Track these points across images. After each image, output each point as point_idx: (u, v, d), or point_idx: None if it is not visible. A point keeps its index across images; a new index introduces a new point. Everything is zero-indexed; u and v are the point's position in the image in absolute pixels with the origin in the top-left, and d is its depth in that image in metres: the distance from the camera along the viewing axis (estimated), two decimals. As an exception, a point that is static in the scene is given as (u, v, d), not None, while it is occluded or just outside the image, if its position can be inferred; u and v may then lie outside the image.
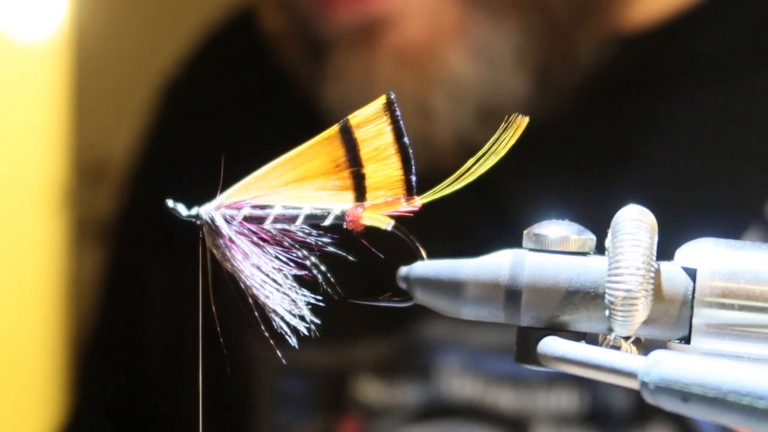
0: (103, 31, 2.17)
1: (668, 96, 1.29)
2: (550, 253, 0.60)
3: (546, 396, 1.19)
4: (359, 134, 0.63)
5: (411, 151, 0.63)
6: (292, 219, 0.63)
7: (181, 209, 0.64)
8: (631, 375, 0.55)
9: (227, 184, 0.64)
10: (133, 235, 1.42)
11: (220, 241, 0.63)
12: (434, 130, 1.21)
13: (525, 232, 0.61)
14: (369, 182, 0.63)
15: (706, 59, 1.28)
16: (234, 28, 1.44)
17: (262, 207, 0.63)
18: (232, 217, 0.63)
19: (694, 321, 0.59)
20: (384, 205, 0.63)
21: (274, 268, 0.63)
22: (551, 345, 0.59)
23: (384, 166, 0.63)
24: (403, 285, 0.61)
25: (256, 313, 0.63)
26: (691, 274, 0.59)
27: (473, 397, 1.20)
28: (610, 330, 0.59)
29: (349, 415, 1.23)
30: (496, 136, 0.62)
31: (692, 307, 0.59)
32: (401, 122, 0.63)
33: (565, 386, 1.18)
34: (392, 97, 0.63)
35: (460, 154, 1.21)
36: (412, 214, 0.63)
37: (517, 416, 1.19)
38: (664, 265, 0.59)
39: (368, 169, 0.63)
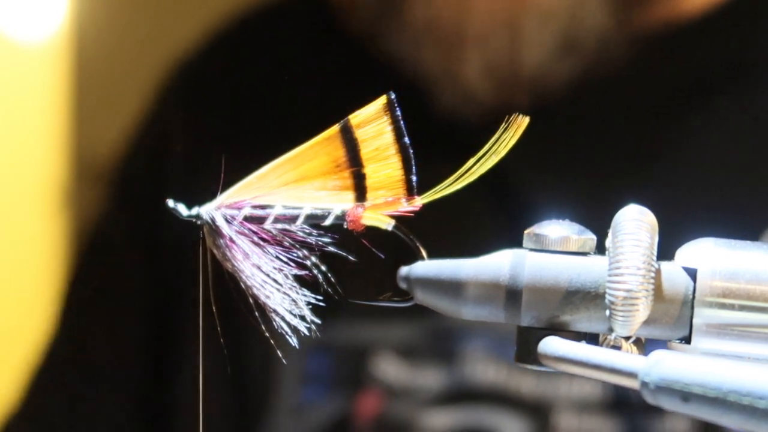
0: (103, 31, 2.17)
1: (672, 95, 1.29)
2: (550, 253, 0.60)
3: (568, 382, 1.19)
4: (360, 134, 0.63)
5: (411, 150, 0.63)
6: (293, 219, 0.63)
7: (182, 209, 0.64)
8: (631, 375, 0.55)
9: (228, 183, 0.64)
10: (134, 234, 1.41)
11: (221, 241, 0.63)
12: (520, 55, 1.22)
13: (525, 232, 0.61)
14: (369, 182, 0.63)
15: (719, 63, 1.28)
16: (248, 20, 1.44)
17: (263, 207, 0.63)
18: (233, 217, 0.63)
19: (694, 321, 0.59)
20: (384, 205, 0.63)
21: (275, 268, 0.63)
22: (551, 345, 0.59)
23: (384, 166, 0.63)
24: (403, 285, 0.61)
25: (256, 313, 0.63)
26: (692, 274, 0.59)
27: (496, 382, 1.20)
28: (611, 330, 0.59)
29: (369, 391, 1.23)
30: (496, 135, 0.62)
31: (693, 307, 0.59)
32: (401, 122, 0.63)
33: None
34: (392, 97, 0.63)
35: (538, 83, 1.23)
36: (412, 214, 0.63)
37: (540, 402, 1.19)
38: (665, 265, 0.59)
39: (369, 169, 0.63)
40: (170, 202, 0.64)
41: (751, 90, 1.27)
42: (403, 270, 0.61)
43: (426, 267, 0.61)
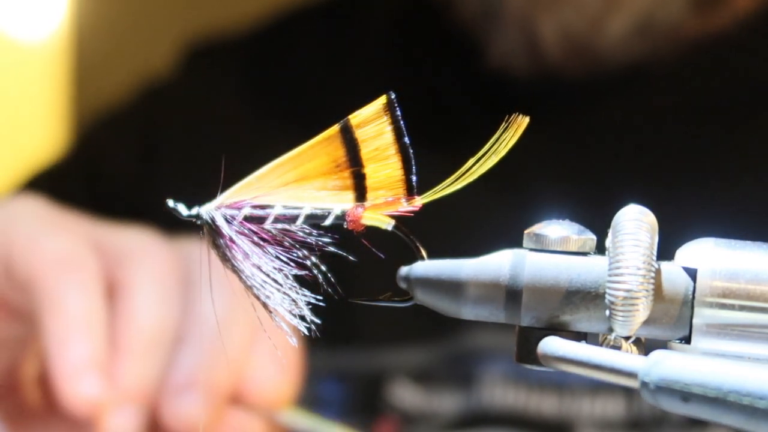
0: (104, 30, 2.17)
1: (670, 96, 1.29)
2: (550, 253, 0.60)
3: (591, 402, 1.18)
4: (360, 134, 0.63)
5: (411, 151, 0.63)
6: (293, 219, 0.63)
7: (182, 209, 0.64)
8: (631, 375, 0.55)
9: (228, 183, 0.64)
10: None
11: (221, 241, 0.63)
12: (600, 25, 1.22)
13: (525, 232, 0.61)
14: (369, 182, 0.63)
15: (746, 85, 1.28)
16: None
17: (263, 207, 0.63)
18: (233, 217, 0.63)
19: (694, 321, 0.59)
20: (384, 205, 0.63)
21: (275, 268, 0.63)
22: (551, 345, 0.59)
23: (384, 166, 0.63)
24: (403, 285, 0.61)
25: (256, 314, 0.63)
26: (692, 274, 0.59)
27: (516, 405, 1.19)
28: (611, 330, 0.59)
29: (386, 418, 1.23)
30: (496, 135, 0.62)
31: (692, 307, 0.59)
32: (401, 122, 0.63)
33: (610, 392, 1.17)
34: (392, 97, 0.63)
35: (603, 58, 1.23)
36: (412, 214, 0.63)
37: (562, 423, 1.18)
38: (665, 265, 0.59)
39: (369, 169, 0.63)
40: (170, 202, 0.64)
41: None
42: (403, 270, 0.61)
43: (426, 267, 0.61)
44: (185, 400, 0.95)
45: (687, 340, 0.59)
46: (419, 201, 0.63)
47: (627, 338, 0.60)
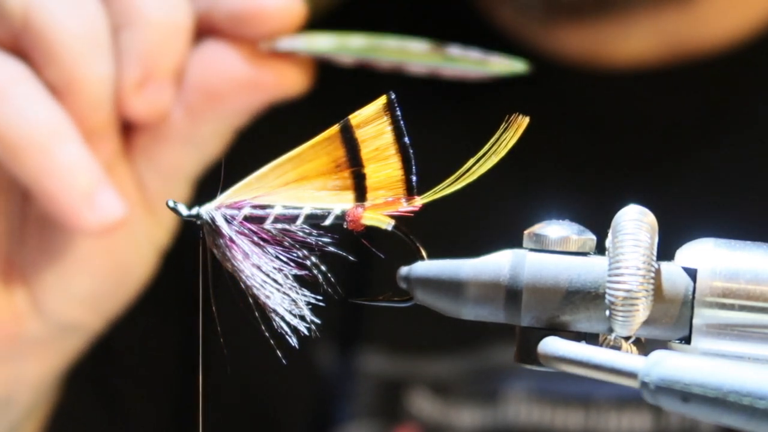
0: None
1: (669, 94, 1.29)
2: (550, 253, 0.60)
3: (617, 417, 1.17)
4: (360, 134, 0.63)
5: (411, 151, 0.63)
6: (293, 219, 0.63)
7: (182, 209, 0.64)
8: (631, 375, 0.55)
9: (228, 183, 0.64)
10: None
11: (221, 241, 0.63)
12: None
13: (525, 232, 0.61)
14: (369, 182, 0.63)
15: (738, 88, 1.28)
16: None
17: (263, 207, 0.64)
18: (233, 217, 0.63)
19: (694, 321, 0.59)
20: (384, 205, 0.63)
21: (275, 268, 0.63)
22: (551, 345, 0.59)
23: (384, 166, 0.63)
24: (403, 285, 0.61)
25: (256, 313, 0.63)
26: (692, 274, 0.59)
27: (542, 421, 1.18)
28: (611, 330, 0.59)
29: (407, 425, 1.22)
30: (496, 136, 0.62)
31: (692, 308, 0.59)
32: (401, 122, 0.63)
33: (637, 406, 1.17)
34: (392, 97, 0.63)
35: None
36: (412, 214, 0.63)
37: None
38: (665, 266, 0.59)
39: (369, 169, 0.63)
40: (170, 202, 0.65)
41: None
42: (403, 270, 0.61)
43: (426, 267, 0.61)
44: (147, 92, 0.89)
45: (687, 340, 0.59)
46: (419, 201, 0.63)
47: (627, 338, 0.60)
